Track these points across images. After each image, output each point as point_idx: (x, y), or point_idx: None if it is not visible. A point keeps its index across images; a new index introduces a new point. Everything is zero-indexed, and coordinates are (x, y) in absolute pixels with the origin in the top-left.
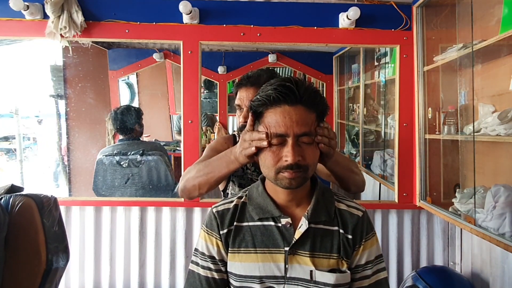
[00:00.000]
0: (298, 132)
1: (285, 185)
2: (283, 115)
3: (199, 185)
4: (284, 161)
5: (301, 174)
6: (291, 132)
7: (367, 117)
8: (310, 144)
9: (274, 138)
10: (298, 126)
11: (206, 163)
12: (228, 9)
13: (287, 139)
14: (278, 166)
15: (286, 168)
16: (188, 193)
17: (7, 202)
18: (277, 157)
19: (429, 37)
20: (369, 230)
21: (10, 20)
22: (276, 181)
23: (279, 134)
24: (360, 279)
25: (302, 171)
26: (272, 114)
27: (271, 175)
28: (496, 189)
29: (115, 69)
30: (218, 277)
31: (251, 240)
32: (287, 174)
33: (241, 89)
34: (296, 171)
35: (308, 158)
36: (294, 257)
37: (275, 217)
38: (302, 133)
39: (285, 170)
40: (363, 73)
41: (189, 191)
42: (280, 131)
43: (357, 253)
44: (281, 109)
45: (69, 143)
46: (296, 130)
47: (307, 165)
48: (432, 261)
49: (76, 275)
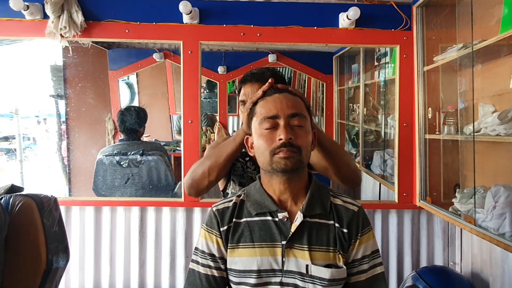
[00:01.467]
0: (288, 113)
1: (281, 166)
2: (273, 100)
3: (209, 169)
4: (277, 140)
5: (295, 155)
6: (282, 113)
7: (367, 117)
8: (301, 127)
9: (266, 122)
10: (289, 108)
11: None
12: (228, 9)
13: (278, 121)
14: (272, 147)
15: (280, 147)
16: (197, 185)
17: (7, 202)
18: (271, 140)
19: (429, 37)
20: (365, 225)
21: (10, 20)
22: (272, 165)
23: (271, 116)
24: (357, 274)
25: (296, 152)
26: (264, 101)
27: (267, 159)
28: (496, 189)
29: (115, 69)
30: (218, 275)
31: (249, 235)
32: (281, 153)
33: (246, 85)
34: (290, 149)
35: (300, 139)
36: (291, 250)
37: (272, 211)
38: (292, 113)
39: (279, 150)
40: (363, 73)
41: (198, 182)
42: (272, 113)
43: (353, 248)
44: (272, 97)
45: (69, 143)
46: (286, 112)
47: (300, 146)
48: (432, 261)
49: (76, 275)
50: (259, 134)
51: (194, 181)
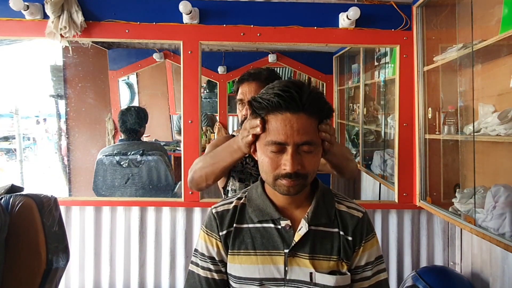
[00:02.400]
0: (298, 142)
1: (283, 192)
2: (284, 123)
3: (206, 176)
4: (282, 169)
5: (300, 182)
6: (291, 141)
7: (367, 117)
8: (310, 153)
9: (273, 145)
10: (299, 135)
11: (211, 154)
12: (228, 9)
13: (286, 147)
14: (276, 173)
15: (285, 176)
16: (196, 184)
17: (7, 202)
18: (276, 164)
19: (429, 37)
20: (369, 231)
21: (10, 20)
22: (274, 187)
23: (279, 142)
24: (360, 280)
25: (301, 179)
26: (273, 120)
27: (269, 181)
28: (496, 189)
29: (115, 69)
30: (218, 278)
31: (251, 242)
32: (285, 182)
33: (243, 84)
34: (295, 179)
35: (308, 166)
36: (293, 259)
37: (274, 219)
38: (302, 142)
39: (283, 178)
40: (363, 73)
41: (197, 182)
42: (280, 139)
43: (357, 254)
44: (282, 117)
45: (69, 143)
46: (296, 139)
47: (307, 174)
48: (432, 261)
49: (76, 275)
50: (263, 152)
51: (194, 180)
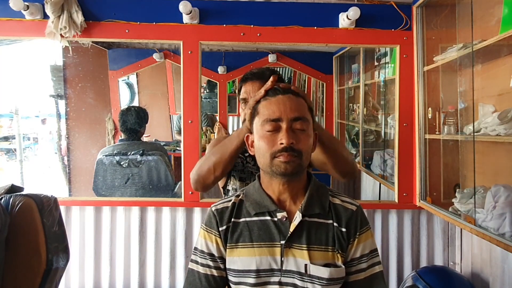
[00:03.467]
0: (291, 116)
1: (281, 170)
2: (277, 101)
3: (214, 165)
4: (279, 144)
5: (295, 159)
6: (285, 116)
7: (367, 117)
8: (303, 131)
9: (268, 123)
10: (292, 111)
11: (214, 149)
12: (228, 9)
13: (281, 124)
14: (273, 150)
15: (281, 151)
16: (203, 180)
17: (7, 202)
18: (272, 142)
19: (429, 37)
20: (364, 224)
21: (10, 20)
22: (272, 168)
23: (274, 119)
24: (355, 273)
25: (297, 156)
26: (267, 103)
27: (267, 161)
28: (496, 189)
29: (115, 69)
30: (217, 275)
31: (248, 234)
32: (282, 157)
33: (247, 84)
34: (291, 154)
35: (302, 144)
36: (289, 250)
37: (271, 211)
38: (295, 116)
39: (280, 154)
40: (363, 73)
41: (204, 177)
42: (275, 116)
43: (351, 247)
44: (275, 98)
45: (69, 143)
46: (290, 115)
47: (301, 150)
48: (432, 261)
49: (76, 275)
50: (260, 135)
51: (201, 176)
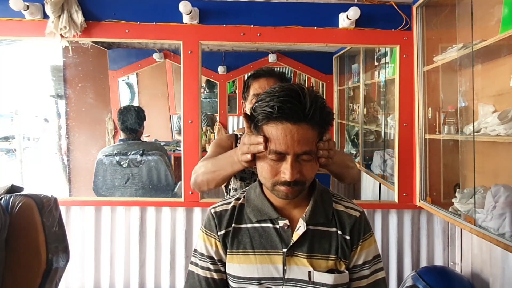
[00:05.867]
0: (298, 152)
1: (281, 196)
2: (284, 133)
3: (207, 182)
4: (281, 177)
5: (298, 188)
6: (291, 151)
7: (367, 117)
8: (309, 161)
9: (273, 154)
10: (300, 146)
11: (213, 161)
12: (228, 9)
13: (286, 156)
14: (275, 179)
15: (283, 184)
16: (199, 187)
17: (7, 202)
18: (275, 171)
19: (429, 37)
20: (367, 231)
21: (10, 20)
22: (273, 192)
23: (279, 152)
24: (358, 279)
25: (300, 186)
26: (273, 129)
27: (268, 186)
28: (496, 189)
29: (115, 69)
30: (217, 278)
31: (249, 242)
32: (284, 188)
33: (261, 79)
34: (294, 187)
35: (307, 174)
36: (292, 258)
37: (273, 219)
38: (303, 152)
39: (282, 185)
40: (363, 73)
41: (199, 185)
42: (280, 149)
43: (354, 253)
44: (283, 126)
45: (69, 143)
46: (297, 150)
47: (305, 181)
48: (432, 261)
49: (76, 275)
50: (263, 159)
51: (196, 183)
